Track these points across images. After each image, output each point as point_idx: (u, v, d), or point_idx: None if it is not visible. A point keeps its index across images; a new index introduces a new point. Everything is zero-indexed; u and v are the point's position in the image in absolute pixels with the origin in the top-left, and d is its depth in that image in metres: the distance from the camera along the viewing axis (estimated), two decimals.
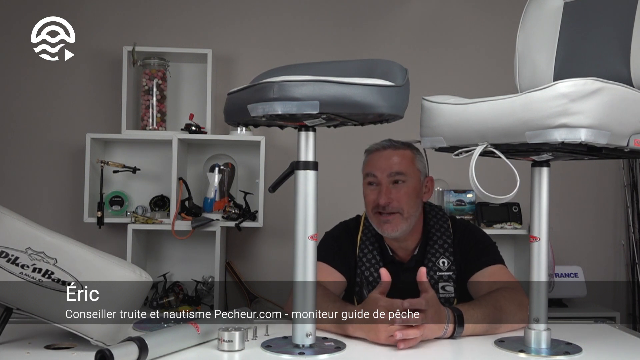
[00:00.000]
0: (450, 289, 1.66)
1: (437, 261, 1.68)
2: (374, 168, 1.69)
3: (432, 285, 1.65)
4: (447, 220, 1.76)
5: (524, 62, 1.36)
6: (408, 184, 1.67)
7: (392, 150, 1.69)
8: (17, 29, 2.94)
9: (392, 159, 1.68)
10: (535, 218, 1.24)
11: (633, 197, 3.05)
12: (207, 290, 2.87)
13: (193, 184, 2.89)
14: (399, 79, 1.15)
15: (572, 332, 1.38)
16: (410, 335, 1.24)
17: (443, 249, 1.70)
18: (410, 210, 1.67)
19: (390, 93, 1.11)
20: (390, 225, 1.65)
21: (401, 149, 1.70)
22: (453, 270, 1.67)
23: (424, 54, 3.05)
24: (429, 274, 1.67)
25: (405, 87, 1.16)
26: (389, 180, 1.67)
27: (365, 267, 1.71)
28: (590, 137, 1.02)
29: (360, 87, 1.08)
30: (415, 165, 1.70)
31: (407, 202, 1.66)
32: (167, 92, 2.93)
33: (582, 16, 1.28)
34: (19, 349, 1.18)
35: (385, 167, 1.67)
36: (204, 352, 1.19)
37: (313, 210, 1.20)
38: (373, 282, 1.69)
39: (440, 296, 1.65)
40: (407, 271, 1.71)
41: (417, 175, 1.70)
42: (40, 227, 1.16)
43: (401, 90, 1.13)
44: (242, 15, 3.05)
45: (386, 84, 1.10)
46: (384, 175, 1.67)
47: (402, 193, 1.66)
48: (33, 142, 2.99)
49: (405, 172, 1.67)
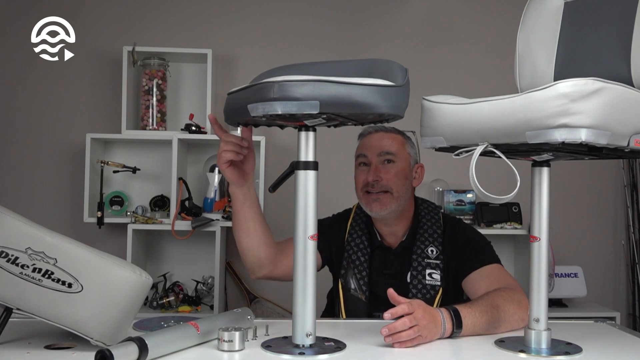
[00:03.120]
0: (437, 277, 1.67)
1: (426, 249, 1.70)
2: (365, 149, 1.74)
3: (419, 271, 1.67)
4: (438, 213, 1.79)
5: (524, 62, 1.36)
6: (397, 164, 1.71)
7: (383, 132, 1.75)
8: (17, 29, 2.94)
9: (382, 141, 1.73)
10: (535, 218, 1.24)
11: (633, 197, 3.05)
12: (207, 290, 2.87)
13: (193, 184, 2.90)
14: (399, 78, 1.14)
15: (572, 332, 1.38)
16: (402, 338, 1.24)
17: (432, 238, 1.71)
18: (400, 191, 1.69)
19: (391, 93, 1.11)
20: (379, 204, 1.67)
21: (392, 133, 1.76)
22: (441, 260, 1.68)
23: (424, 54, 3.06)
24: (417, 260, 1.69)
25: (406, 87, 1.16)
26: (378, 159, 1.71)
27: (353, 250, 1.73)
28: (590, 137, 1.02)
29: (360, 87, 1.07)
30: (406, 149, 1.76)
31: (395, 181, 1.69)
32: (167, 92, 2.93)
33: (582, 16, 1.28)
34: (19, 349, 1.18)
35: (375, 147, 1.73)
36: (204, 352, 1.19)
37: (313, 210, 1.20)
38: (359, 265, 1.71)
39: (427, 283, 1.66)
40: (395, 257, 1.73)
41: (407, 158, 1.74)
42: (40, 227, 1.16)
43: (401, 90, 1.13)
44: (242, 15, 3.05)
45: (386, 83, 1.10)
46: (374, 154, 1.72)
47: (391, 173, 1.70)
48: (33, 142, 2.99)
49: (396, 152, 1.72)
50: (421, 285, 1.65)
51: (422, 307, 1.28)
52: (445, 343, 1.30)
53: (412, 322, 1.24)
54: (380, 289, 1.65)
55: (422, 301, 1.32)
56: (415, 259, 1.69)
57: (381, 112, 1.10)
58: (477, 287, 1.59)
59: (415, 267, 1.68)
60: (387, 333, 1.24)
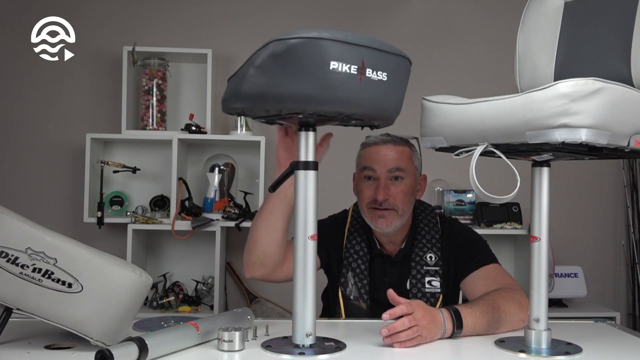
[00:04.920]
0: (437, 284, 1.65)
1: (425, 256, 1.68)
2: (373, 162, 1.67)
3: (418, 279, 1.66)
4: (435, 216, 1.76)
5: (524, 61, 1.36)
6: (406, 181, 1.67)
7: (391, 145, 1.68)
8: (17, 29, 2.94)
9: (391, 155, 1.67)
10: (535, 218, 1.24)
11: (633, 197, 3.05)
12: (207, 290, 2.87)
13: (193, 184, 2.90)
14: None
15: (572, 332, 1.38)
16: (401, 338, 1.24)
17: (431, 243, 1.69)
18: (405, 208, 1.67)
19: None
20: (385, 220, 1.65)
21: (400, 145, 1.69)
22: (440, 266, 1.67)
23: (424, 54, 3.05)
24: (416, 268, 1.67)
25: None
26: (388, 175, 1.66)
27: (353, 258, 1.71)
28: (590, 137, 1.02)
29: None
30: (413, 163, 1.70)
31: (402, 199, 1.65)
32: (167, 92, 2.93)
33: (582, 16, 1.28)
34: (18, 349, 1.18)
35: (384, 163, 1.66)
36: (204, 352, 1.19)
37: (313, 210, 1.20)
38: (360, 274, 1.69)
39: (427, 290, 1.65)
40: (394, 265, 1.72)
41: (414, 173, 1.70)
42: (40, 227, 1.16)
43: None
44: (242, 15, 3.05)
45: None
46: (383, 170, 1.66)
47: (399, 190, 1.65)
48: (33, 142, 2.99)
49: (405, 168, 1.67)
50: (421, 294, 1.64)
51: (422, 307, 1.28)
52: (446, 343, 1.30)
53: (412, 322, 1.24)
54: (381, 295, 1.64)
55: (422, 302, 1.32)
56: (414, 267, 1.67)
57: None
58: (476, 288, 1.59)
59: (415, 275, 1.66)
60: (386, 334, 1.24)
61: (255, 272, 1.55)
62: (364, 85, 1.06)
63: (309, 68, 1.03)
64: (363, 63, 1.05)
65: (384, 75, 1.09)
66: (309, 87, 1.03)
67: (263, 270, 1.55)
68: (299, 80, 1.03)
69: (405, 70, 1.15)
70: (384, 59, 1.09)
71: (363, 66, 1.05)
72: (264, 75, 1.07)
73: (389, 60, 1.10)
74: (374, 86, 1.08)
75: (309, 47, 1.02)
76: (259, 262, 1.53)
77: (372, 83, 1.07)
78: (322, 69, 1.02)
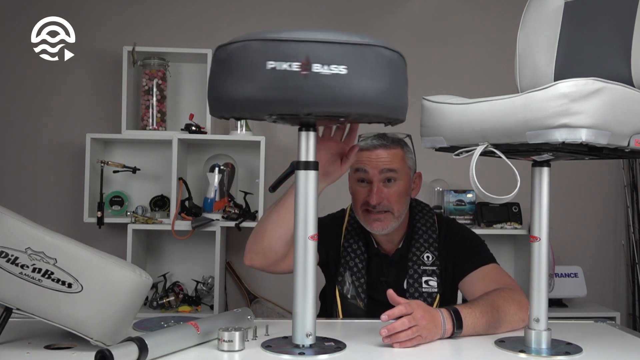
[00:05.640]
0: (434, 283, 1.65)
1: (422, 255, 1.68)
2: (364, 163, 1.67)
3: (415, 279, 1.66)
4: (432, 216, 1.76)
5: (525, 61, 1.36)
6: (399, 182, 1.67)
7: (383, 149, 1.67)
8: (17, 29, 2.94)
9: (384, 158, 1.67)
10: (535, 218, 1.24)
11: (633, 197, 3.05)
12: (207, 290, 2.87)
13: (193, 184, 2.90)
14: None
15: (572, 332, 1.38)
16: (401, 338, 1.24)
17: (428, 243, 1.70)
18: (401, 209, 1.67)
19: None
20: (380, 223, 1.65)
21: (392, 148, 1.68)
22: (437, 265, 1.67)
23: (424, 54, 3.06)
24: (414, 267, 1.67)
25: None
26: (380, 177, 1.66)
27: (350, 257, 1.71)
28: (591, 137, 1.02)
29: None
30: (407, 163, 1.70)
31: (397, 201, 1.66)
32: (167, 92, 2.93)
33: (582, 16, 1.28)
34: (18, 349, 1.18)
35: (376, 164, 1.66)
36: (204, 352, 1.19)
37: (313, 210, 1.20)
38: (357, 272, 1.69)
39: (424, 290, 1.65)
40: (391, 264, 1.72)
41: (407, 173, 1.70)
42: (40, 227, 1.16)
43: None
44: (242, 15, 3.05)
45: None
46: (375, 171, 1.66)
47: (392, 192, 1.65)
48: (33, 142, 2.99)
49: (397, 169, 1.67)
50: (418, 294, 1.64)
51: (422, 307, 1.28)
52: (445, 343, 1.30)
53: (411, 323, 1.24)
54: (378, 294, 1.64)
55: (421, 302, 1.32)
56: (411, 267, 1.67)
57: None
58: (475, 288, 1.59)
59: (412, 275, 1.67)
60: (386, 334, 1.24)
61: (255, 262, 1.55)
62: (312, 81, 1.02)
63: (248, 70, 1.03)
64: (307, 59, 1.02)
65: (341, 69, 1.03)
66: (251, 90, 1.03)
67: (264, 261, 1.54)
68: (242, 84, 1.04)
69: (374, 59, 1.08)
70: (337, 51, 1.03)
71: (307, 62, 1.02)
72: (216, 81, 1.10)
73: (345, 53, 1.04)
74: (328, 81, 1.03)
75: (246, 50, 1.04)
76: (262, 252, 1.52)
77: (324, 78, 1.02)
78: (259, 70, 1.02)
